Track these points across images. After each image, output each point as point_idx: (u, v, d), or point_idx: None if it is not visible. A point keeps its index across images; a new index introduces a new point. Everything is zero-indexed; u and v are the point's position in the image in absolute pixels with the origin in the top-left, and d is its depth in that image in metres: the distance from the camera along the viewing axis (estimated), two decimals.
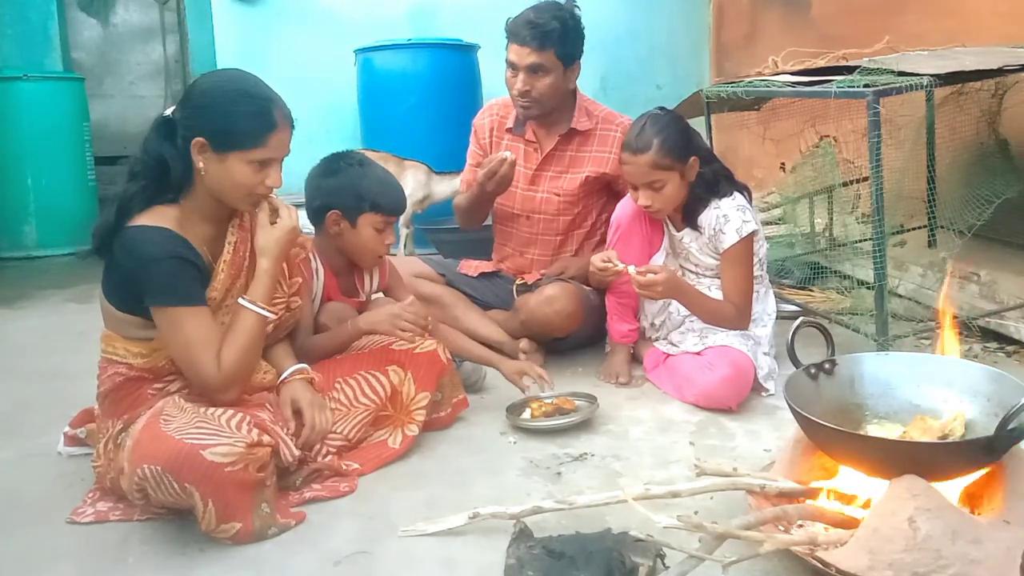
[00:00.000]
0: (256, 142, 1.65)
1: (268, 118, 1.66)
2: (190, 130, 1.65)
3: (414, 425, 1.99)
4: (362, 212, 2.14)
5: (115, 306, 1.70)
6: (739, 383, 2.22)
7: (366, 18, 5.30)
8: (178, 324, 1.63)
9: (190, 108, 1.67)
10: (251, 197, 1.71)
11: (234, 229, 1.79)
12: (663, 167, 2.24)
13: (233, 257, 1.77)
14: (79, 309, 3.59)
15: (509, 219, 2.85)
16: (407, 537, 1.60)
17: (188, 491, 1.50)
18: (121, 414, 1.72)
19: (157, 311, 1.64)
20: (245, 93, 1.67)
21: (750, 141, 4.33)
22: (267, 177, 1.69)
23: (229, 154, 1.64)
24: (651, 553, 1.36)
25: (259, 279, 1.75)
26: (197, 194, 1.70)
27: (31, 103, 4.91)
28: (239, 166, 1.65)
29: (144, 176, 1.67)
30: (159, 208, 1.67)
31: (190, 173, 1.67)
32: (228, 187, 1.67)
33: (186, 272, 1.64)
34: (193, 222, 1.70)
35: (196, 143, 1.64)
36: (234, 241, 1.78)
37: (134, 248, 1.62)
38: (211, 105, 1.66)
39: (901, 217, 3.08)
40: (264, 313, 1.72)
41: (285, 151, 1.71)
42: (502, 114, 2.83)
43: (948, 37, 2.97)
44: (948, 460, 1.41)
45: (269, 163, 1.68)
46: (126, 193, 1.66)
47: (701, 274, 2.43)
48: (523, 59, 2.56)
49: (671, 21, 5.77)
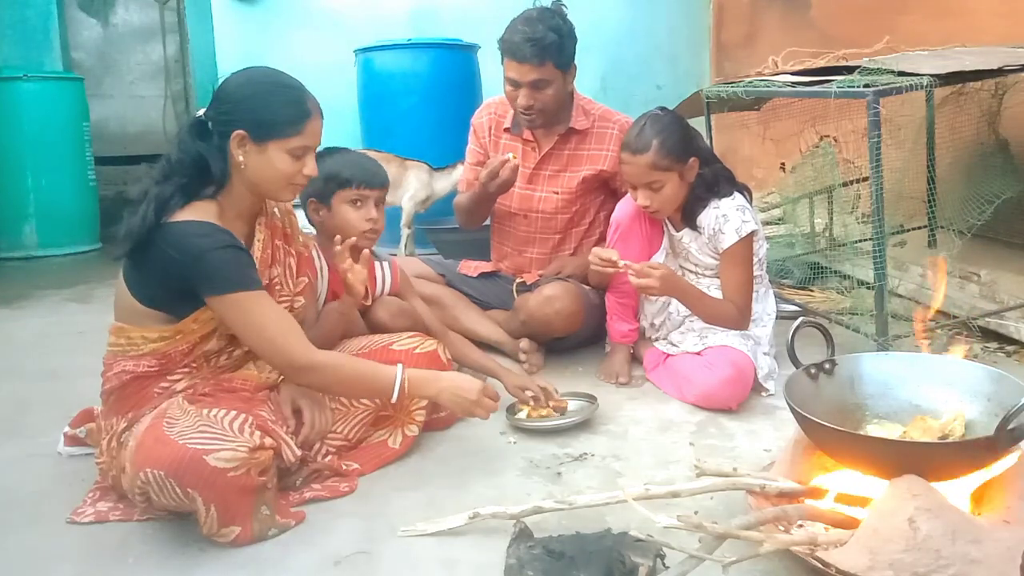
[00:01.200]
0: (294, 130, 1.69)
1: (303, 107, 1.71)
2: (228, 124, 1.68)
3: (414, 425, 1.99)
4: (333, 192, 2.15)
5: (142, 301, 1.69)
6: (739, 383, 2.22)
7: (366, 18, 5.31)
8: (248, 309, 1.65)
9: (226, 104, 1.70)
10: (291, 187, 1.75)
11: (261, 227, 1.82)
12: (662, 168, 2.24)
13: (262, 254, 1.80)
14: (79, 309, 3.59)
15: (507, 218, 2.85)
16: (407, 537, 1.60)
17: (191, 496, 1.50)
18: (126, 412, 1.72)
19: (219, 301, 1.64)
20: (279, 84, 1.73)
21: (750, 141, 4.34)
22: (304, 166, 1.73)
23: (268, 144, 1.68)
24: (651, 553, 1.36)
25: (429, 379, 1.81)
26: (233, 190, 1.73)
27: (31, 103, 4.91)
28: (279, 155, 1.69)
29: (181, 175, 1.69)
30: (199, 204, 1.69)
31: (228, 169, 1.71)
32: (269, 177, 1.71)
33: (241, 259, 1.67)
34: (229, 219, 1.72)
35: (236, 136, 1.67)
36: (263, 238, 1.81)
37: (185, 242, 1.62)
38: (249, 97, 1.69)
39: (901, 217, 3.08)
40: (393, 398, 1.75)
41: (319, 140, 1.76)
42: (500, 112, 2.83)
43: (948, 37, 2.97)
44: (948, 460, 1.41)
45: (306, 152, 1.73)
46: (163, 193, 1.66)
47: (701, 274, 2.43)
48: (524, 76, 2.54)
49: (671, 21, 5.78)
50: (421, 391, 1.81)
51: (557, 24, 2.54)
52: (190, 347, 1.72)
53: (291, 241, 1.93)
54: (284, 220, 1.93)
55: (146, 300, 1.69)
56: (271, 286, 1.83)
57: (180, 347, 1.71)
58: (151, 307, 1.69)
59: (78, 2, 7.03)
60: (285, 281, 1.88)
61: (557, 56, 2.54)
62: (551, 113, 2.64)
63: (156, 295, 1.68)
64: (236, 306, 1.65)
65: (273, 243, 1.85)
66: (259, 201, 1.80)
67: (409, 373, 1.76)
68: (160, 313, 1.69)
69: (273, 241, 1.85)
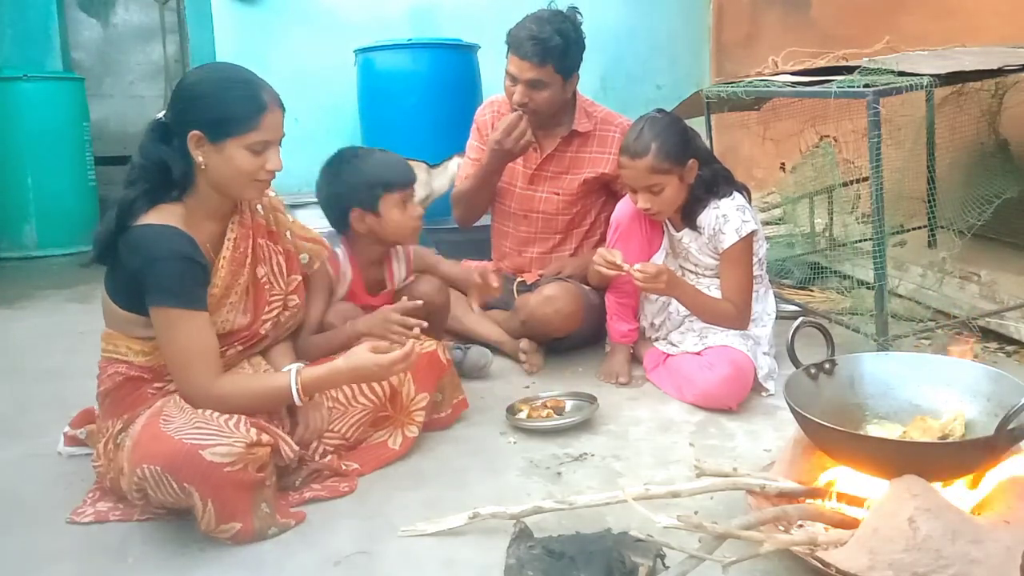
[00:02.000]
0: (249, 125, 1.65)
1: (257, 101, 1.66)
2: (184, 126, 1.65)
3: (414, 426, 1.99)
4: (379, 198, 2.14)
5: (120, 305, 1.70)
6: (739, 383, 2.22)
7: (366, 18, 5.29)
8: (175, 327, 1.63)
9: (180, 104, 1.68)
10: (255, 184, 1.72)
11: (234, 226, 1.79)
12: (661, 171, 2.24)
13: (233, 254, 1.77)
14: (79, 309, 3.59)
15: (507, 218, 2.85)
16: (407, 537, 1.60)
17: (187, 491, 1.50)
18: (121, 414, 1.72)
19: (156, 311, 1.63)
20: (231, 80, 1.69)
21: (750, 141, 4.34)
22: (267, 161, 1.69)
23: (226, 142, 1.65)
24: (651, 553, 1.36)
25: (325, 372, 1.73)
26: (199, 191, 1.71)
27: (31, 103, 4.90)
28: (237, 152, 1.66)
29: (144, 180, 1.67)
30: (164, 207, 1.67)
31: (191, 171, 1.68)
32: (230, 176, 1.68)
33: (191, 274, 1.64)
34: (197, 220, 1.71)
35: (192, 137, 1.65)
36: (234, 238, 1.78)
37: (140, 246, 1.62)
38: (200, 96, 1.67)
39: (901, 217, 3.08)
40: (295, 397, 1.69)
41: (279, 133, 1.72)
42: (503, 111, 2.82)
43: (948, 37, 2.97)
44: (948, 460, 1.41)
45: (266, 146, 1.69)
46: (126, 198, 1.65)
47: (701, 274, 2.43)
48: (523, 73, 2.54)
49: (671, 21, 5.77)
50: (323, 385, 1.77)
51: (566, 29, 2.54)
52: None
53: (277, 239, 1.90)
54: (268, 218, 1.89)
55: (124, 305, 1.70)
56: (260, 286, 1.82)
57: (162, 361, 1.70)
58: (130, 311, 1.69)
59: (78, 2, 7.04)
60: (276, 280, 1.87)
61: (559, 60, 2.54)
62: (544, 116, 2.64)
63: (130, 299, 1.68)
64: (166, 320, 1.62)
65: (255, 241, 1.82)
66: (229, 201, 1.76)
67: (303, 375, 1.70)
68: (140, 317, 1.68)
69: (255, 240, 1.82)
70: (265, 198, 1.90)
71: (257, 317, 1.83)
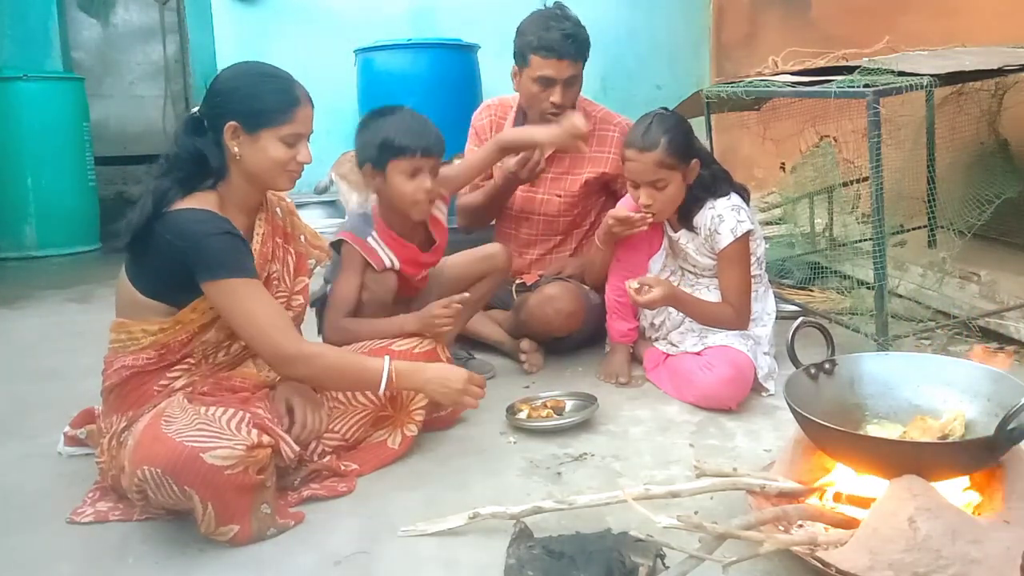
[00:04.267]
0: (284, 118, 1.73)
1: (292, 95, 1.75)
2: (221, 118, 1.72)
3: (413, 425, 1.99)
4: (388, 160, 2.09)
5: (143, 292, 1.71)
6: (739, 383, 2.22)
7: (366, 18, 5.30)
8: (238, 296, 1.67)
9: (218, 98, 1.75)
10: (287, 174, 1.78)
11: (261, 222, 1.84)
12: (668, 166, 2.24)
13: (261, 248, 1.82)
14: (79, 309, 3.59)
15: (509, 220, 2.84)
16: (407, 537, 1.60)
17: (188, 494, 1.50)
18: (126, 410, 1.72)
19: (214, 286, 1.66)
20: (266, 74, 1.77)
21: (750, 141, 4.34)
22: (298, 153, 1.76)
23: (261, 133, 1.72)
24: (651, 553, 1.36)
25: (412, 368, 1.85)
26: (232, 183, 1.76)
27: (31, 103, 4.90)
28: (272, 143, 1.73)
29: (179, 169, 1.72)
30: (199, 194, 1.72)
31: (225, 162, 1.74)
32: (264, 166, 1.74)
33: (239, 246, 1.70)
34: (229, 210, 1.75)
35: (229, 127, 1.71)
36: (262, 233, 1.84)
37: (184, 228, 1.66)
38: (238, 89, 1.74)
39: (901, 217, 3.08)
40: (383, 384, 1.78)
41: (310, 127, 1.79)
42: (500, 114, 2.83)
43: (948, 37, 2.97)
44: (948, 460, 1.41)
45: (298, 139, 1.76)
46: (160, 186, 1.70)
47: (699, 274, 2.43)
48: (563, 72, 2.54)
49: (671, 21, 5.77)
50: (408, 382, 1.84)
51: (578, 20, 2.59)
52: (189, 337, 1.73)
53: (291, 240, 1.95)
54: (286, 220, 1.95)
55: (147, 291, 1.71)
56: (269, 281, 1.85)
57: (179, 337, 1.72)
58: (153, 298, 1.71)
59: (78, 2, 7.04)
60: (283, 278, 1.90)
61: (587, 52, 2.59)
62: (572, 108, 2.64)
63: (157, 285, 1.71)
64: (229, 292, 1.66)
65: (273, 240, 1.87)
66: (258, 194, 1.82)
67: (396, 365, 1.79)
68: (161, 304, 1.71)
69: (273, 238, 1.87)
70: (283, 202, 1.96)
71: None
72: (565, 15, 2.58)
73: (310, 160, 1.79)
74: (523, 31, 2.59)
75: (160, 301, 1.71)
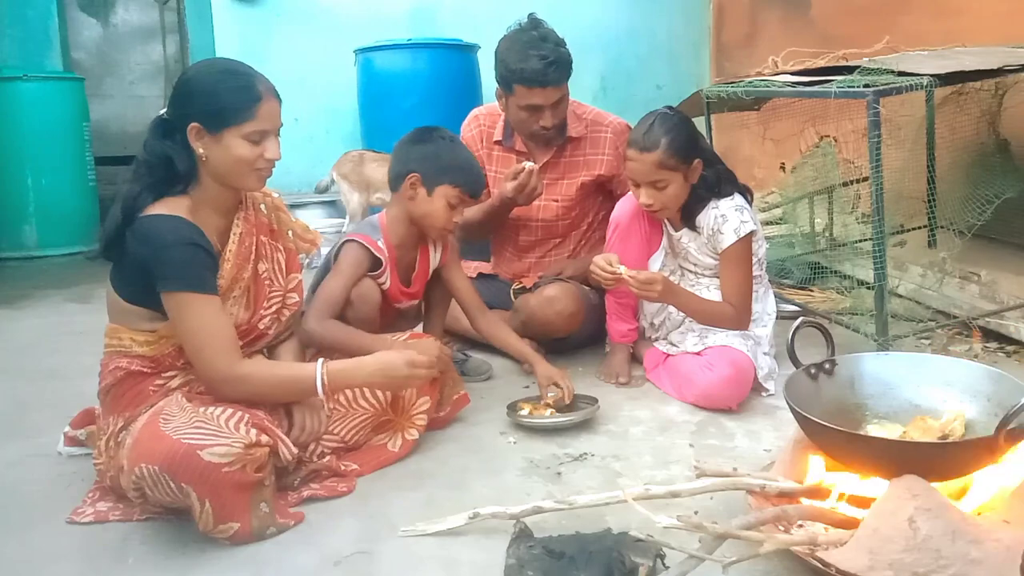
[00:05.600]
0: (245, 115, 1.68)
1: (252, 91, 1.70)
2: (184, 119, 1.69)
3: (414, 429, 1.99)
4: (441, 183, 2.16)
5: (124, 298, 1.72)
6: (739, 383, 2.22)
7: (366, 18, 5.30)
8: (188, 310, 1.65)
9: (179, 99, 1.72)
10: (255, 173, 1.74)
11: (239, 221, 1.82)
12: (668, 167, 2.24)
13: (239, 248, 1.80)
14: (79, 309, 3.59)
15: (507, 227, 2.82)
16: (407, 537, 1.60)
17: (185, 491, 1.50)
18: (122, 411, 1.72)
19: (168, 296, 1.65)
20: (225, 72, 1.73)
21: (750, 141, 4.34)
22: (265, 150, 1.72)
23: (224, 132, 1.68)
24: (651, 553, 1.36)
25: (351, 365, 1.79)
26: (203, 185, 1.74)
27: (31, 103, 4.91)
28: (236, 142, 1.69)
29: (148, 174, 1.70)
30: (170, 199, 1.70)
31: (194, 164, 1.71)
32: (230, 166, 1.71)
33: (199, 259, 1.67)
34: (203, 213, 1.73)
35: (192, 129, 1.68)
36: (240, 232, 1.81)
37: (148, 235, 1.64)
38: (197, 90, 1.70)
39: (901, 217, 3.08)
40: (319, 389, 1.73)
41: (277, 123, 1.75)
42: (488, 124, 2.80)
43: (948, 37, 2.97)
44: (948, 460, 1.41)
45: (264, 136, 1.72)
46: (131, 191, 1.68)
47: (700, 274, 2.43)
48: (549, 99, 2.51)
49: (671, 21, 5.77)
50: (348, 380, 1.81)
51: (557, 38, 2.53)
52: (176, 349, 1.72)
53: (279, 237, 1.93)
54: (271, 216, 1.92)
55: (128, 297, 1.71)
56: (260, 281, 1.84)
57: (167, 350, 1.72)
58: (134, 304, 1.71)
59: (78, 2, 7.05)
60: (275, 277, 1.89)
61: (570, 70, 2.54)
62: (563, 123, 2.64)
63: (136, 291, 1.70)
64: (180, 305, 1.65)
65: (258, 239, 1.85)
66: (233, 194, 1.79)
67: (329, 366, 1.75)
68: (145, 310, 1.70)
69: (258, 237, 1.85)
70: (268, 198, 1.93)
71: (256, 312, 1.84)
72: (543, 36, 2.50)
73: (279, 156, 1.75)
74: (503, 59, 2.52)
75: (142, 306, 1.70)
